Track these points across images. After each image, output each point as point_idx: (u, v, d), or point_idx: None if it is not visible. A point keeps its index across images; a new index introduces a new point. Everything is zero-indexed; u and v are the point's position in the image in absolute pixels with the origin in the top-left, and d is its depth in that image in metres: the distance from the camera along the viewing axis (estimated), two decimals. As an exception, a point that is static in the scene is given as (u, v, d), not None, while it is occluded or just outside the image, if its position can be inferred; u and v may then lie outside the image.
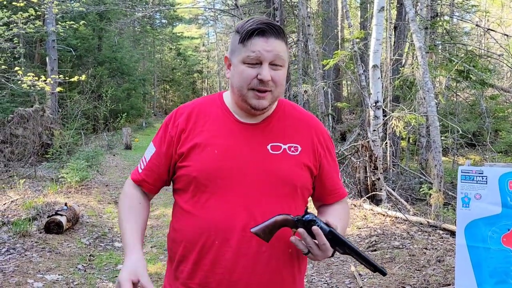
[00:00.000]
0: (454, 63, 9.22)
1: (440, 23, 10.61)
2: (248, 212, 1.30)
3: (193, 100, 1.50)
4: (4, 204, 6.30)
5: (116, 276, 4.27)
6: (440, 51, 11.46)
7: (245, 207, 1.30)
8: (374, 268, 1.30)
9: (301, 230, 1.24)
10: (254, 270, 1.31)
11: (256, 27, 1.30)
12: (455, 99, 12.37)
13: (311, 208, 1.48)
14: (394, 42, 11.27)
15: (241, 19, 12.74)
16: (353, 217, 6.52)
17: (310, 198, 1.53)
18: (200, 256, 1.33)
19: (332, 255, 1.30)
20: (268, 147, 1.36)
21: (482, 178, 2.95)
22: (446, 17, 11.88)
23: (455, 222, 5.47)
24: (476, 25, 11.76)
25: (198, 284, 1.34)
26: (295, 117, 1.46)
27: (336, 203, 1.51)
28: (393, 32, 11.46)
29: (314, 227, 1.24)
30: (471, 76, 9.33)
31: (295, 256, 1.38)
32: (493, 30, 12.25)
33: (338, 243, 1.26)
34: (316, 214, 1.34)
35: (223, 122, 1.39)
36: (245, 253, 1.30)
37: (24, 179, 7.96)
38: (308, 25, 11.46)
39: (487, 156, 10.51)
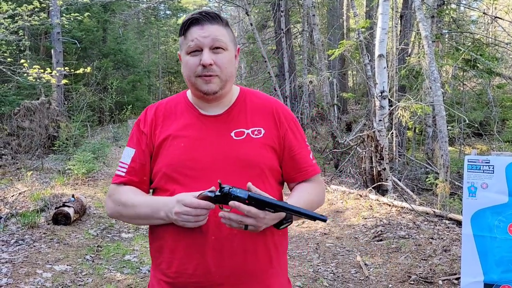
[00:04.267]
0: (461, 52, 9.13)
1: (447, 11, 10.47)
2: None
3: (160, 100, 1.57)
4: (12, 196, 6.36)
5: (124, 267, 4.32)
6: (446, 40, 11.34)
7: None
8: (312, 218, 1.27)
9: (231, 202, 1.24)
10: (228, 253, 1.34)
11: (191, 17, 1.38)
12: (461, 89, 12.27)
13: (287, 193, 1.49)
14: (400, 31, 11.16)
15: (246, 9, 12.67)
16: (358, 207, 6.52)
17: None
18: (175, 244, 1.37)
19: (280, 226, 1.32)
20: (232, 134, 1.42)
21: (489, 168, 2.94)
22: (453, 5, 11.74)
23: (461, 212, 5.47)
24: (484, 13, 11.62)
25: (175, 272, 1.38)
26: (256, 103, 1.50)
27: (307, 180, 1.52)
28: (399, 21, 11.35)
29: (231, 202, 1.24)
30: (478, 65, 9.24)
31: (269, 234, 1.39)
32: (501, 18, 12.11)
33: (265, 204, 1.24)
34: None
35: (188, 117, 1.45)
36: (217, 237, 1.33)
37: (32, 171, 8.02)
38: (313, 15, 11.37)
39: (494, 146, 10.45)
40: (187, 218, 1.26)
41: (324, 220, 1.29)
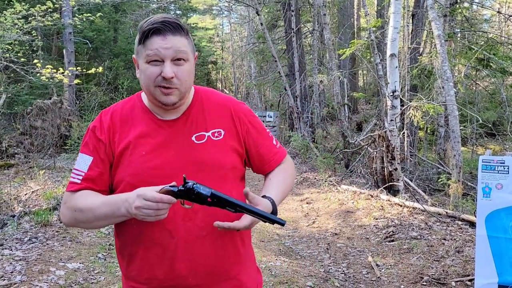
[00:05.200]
0: (473, 51, 9.03)
1: (460, 10, 10.37)
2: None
3: (113, 104, 1.50)
4: (25, 195, 6.43)
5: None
6: (459, 39, 11.24)
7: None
8: (271, 220, 1.29)
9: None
10: (198, 254, 1.35)
11: (152, 27, 1.31)
12: (474, 88, 12.14)
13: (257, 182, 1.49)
14: (412, 30, 11.07)
15: (256, 9, 12.68)
16: (370, 208, 6.48)
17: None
18: (146, 252, 1.37)
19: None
20: (193, 138, 1.40)
21: (504, 168, 2.90)
22: (466, 4, 11.61)
23: (474, 212, 5.41)
24: (498, 11, 11.48)
25: (147, 279, 1.38)
26: (213, 103, 1.49)
27: (277, 167, 1.55)
28: (411, 20, 11.26)
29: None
30: (491, 64, 9.13)
31: (236, 231, 1.40)
32: (515, 17, 11.93)
33: (226, 203, 1.26)
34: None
35: (145, 123, 1.41)
36: (187, 241, 1.34)
37: (44, 170, 8.11)
38: (324, 14, 11.34)
39: (507, 146, 10.33)
40: (147, 212, 1.22)
41: (282, 224, 1.30)
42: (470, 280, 3.82)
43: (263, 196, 1.39)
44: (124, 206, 1.27)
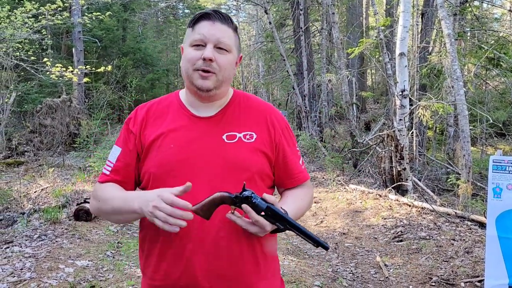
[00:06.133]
0: (484, 50, 8.95)
1: (470, 8, 10.27)
2: None
3: (152, 100, 1.54)
4: (35, 192, 6.49)
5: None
6: (469, 38, 11.14)
7: (203, 197, 1.31)
8: (316, 243, 1.30)
9: (244, 206, 1.25)
10: (214, 257, 1.34)
11: (203, 13, 1.39)
12: (484, 88, 12.03)
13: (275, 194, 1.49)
14: (421, 29, 10.99)
15: (265, 8, 12.66)
16: (378, 207, 6.45)
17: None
18: (164, 248, 1.36)
19: (278, 231, 1.33)
20: (224, 137, 1.40)
21: (515, 168, 2.86)
22: (476, 3, 11.51)
23: (484, 213, 5.36)
24: (509, 10, 11.36)
25: (162, 276, 1.37)
26: (250, 106, 1.49)
27: (297, 186, 1.53)
28: (420, 19, 11.18)
29: (244, 205, 1.25)
30: (501, 63, 9.03)
31: (255, 237, 1.37)
32: (526, 16, 11.80)
33: (278, 218, 1.27)
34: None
35: (179, 118, 1.43)
36: (204, 241, 1.33)
37: (53, 168, 8.18)
38: (333, 13, 11.29)
39: (517, 146, 10.22)
40: (159, 214, 1.19)
41: (327, 248, 1.33)
42: (480, 281, 3.78)
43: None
44: (138, 201, 1.26)
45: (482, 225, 5.09)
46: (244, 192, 1.26)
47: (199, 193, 1.31)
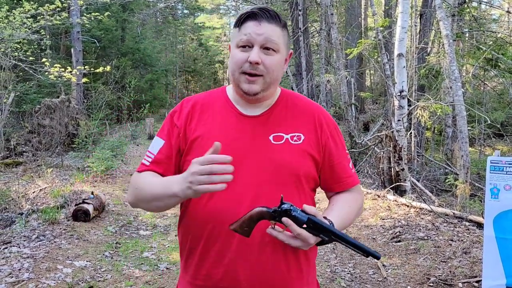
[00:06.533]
0: (482, 51, 8.97)
1: (468, 9, 10.30)
2: (252, 202, 1.29)
3: (198, 93, 1.50)
4: (33, 192, 6.48)
5: (142, 264, 4.36)
6: (467, 38, 11.17)
7: (248, 198, 1.29)
8: (366, 253, 1.24)
9: (285, 219, 1.19)
10: (258, 262, 1.30)
11: (249, 12, 1.32)
12: (482, 88, 12.05)
13: (322, 200, 1.46)
14: (420, 30, 11.02)
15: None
16: (376, 208, 6.46)
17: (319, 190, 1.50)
18: (206, 248, 1.33)
19: (322, 244, 1.25)
20: (270, 137, 1.36)
21: (513, 169, 2.87)
22: (474, 4, 11.53)
23: (482, 213, 5.37)
24: (507, 11, 11.39)
25: (204, 276, 1.35)
26: (298, 106, 1.44)
27: (345, 191, 1.46)
28: (419, 20, 11.20)
29: (284, 218, 1.19)
30: (499, 64, 9.06)
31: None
32: (524, 17, 11.82)
33: (321, 230, 1.20)
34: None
35: (225, 115, 1.39)
36: (249, 243, 1.28)
37: (52, 168, 8.17)
38: (331, 14, 11.30)
39: (515, 147, 10.25)
40: (201, 178, 1.13)
41: (378, 258, 1.27)
42: (478, 282, 3.79)
43: (324, 217, 1.31)
44: (177, 183, 1.21)
45: (480, 225, 5.10)
46: (282, 205, 1.20)
47: (244, 196, 1.29)
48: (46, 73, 8.91)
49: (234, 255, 1.30)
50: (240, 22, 1.33)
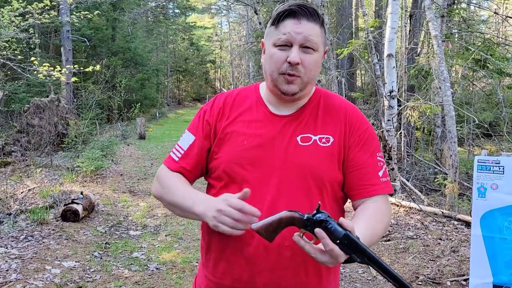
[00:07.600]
0: (470, 51, 9.05)
1: (457, 11, 10.39)
2: (274, 203, 1.26)
3: (231, 89, 1.49)
4: (22, 193, 6.42)
5: (132, 264, 4.34)
6: (456, 39, 11.26)
7: (270, 199, 1.27)
8: (399, 284, 1.10)
9: (318, 230, 1.07)
10: (275, 264, 1.27)
11: (288, 9, 1.27)
12: (471, 89, 12.16)
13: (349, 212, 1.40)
14: (410, 31, 11.10)
15: (255, 8, 12.66)
16: (366, 207, 6.50)
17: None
18: (224, 245, 1.32)
19: (349, 262, 1.11)
20: (298, 138, 1.32)
21: (499, 168, 2.91)
22: (463, 5, 11.64)
23: (470, 212, 5.42)
24: (495, 12, 11.51)
25: (221, 274, 1.34)
26: (330, 106, 1.39)
27: (370, 200, 1.33)
28: (409, 21, 11.28)
29: (317, 229, 1.06)
30: (488, 65, 9.15)
31: None
32: (512, 18, 11.96)
33: (356, 249, 1.07)
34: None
35: (256, 114, 1.37)
36: (267, 245, 1.24)
37: (41, 168, 8.10)
38: (322, 14, 11.33)
39: (503, 147, 10.35)
40: (225, 220, 1.14)
41: None
42: (465, 280, 3.83)
43: None
44: (204, 204, 1.22)
45: (468, 224, 5.15)
46: (318, 215, 1.08)
47: (265, 197, 1.27)
48: (35, 72, 8.83)
49: (252, 256, 1.27)
50: (279, 19, 1.29)
